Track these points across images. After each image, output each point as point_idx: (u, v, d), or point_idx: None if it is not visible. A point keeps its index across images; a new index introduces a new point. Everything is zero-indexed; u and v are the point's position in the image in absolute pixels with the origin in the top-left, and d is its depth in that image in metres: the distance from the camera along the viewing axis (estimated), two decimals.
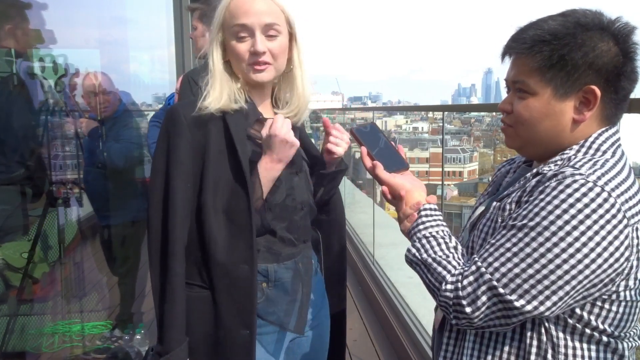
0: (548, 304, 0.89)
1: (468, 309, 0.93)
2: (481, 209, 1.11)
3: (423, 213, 1.08)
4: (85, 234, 3.23)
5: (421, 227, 1.06)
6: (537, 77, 0.97)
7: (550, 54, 0.95)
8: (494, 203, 1.04)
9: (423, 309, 3.31)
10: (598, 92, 0.94)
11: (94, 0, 3.39)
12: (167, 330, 1.25)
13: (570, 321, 0.94)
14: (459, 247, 1.04)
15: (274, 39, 1.29)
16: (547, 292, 0.88)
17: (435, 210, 1.09)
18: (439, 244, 1.02)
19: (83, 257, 3.19)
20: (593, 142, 0.98)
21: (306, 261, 1.43)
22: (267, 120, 1.33)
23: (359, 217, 5.83)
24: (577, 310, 0.93)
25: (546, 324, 0.95)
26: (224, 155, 1.28)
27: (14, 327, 2.57)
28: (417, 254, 1.03)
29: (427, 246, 1.03)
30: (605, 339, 0.95)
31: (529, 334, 0.96)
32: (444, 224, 1.08)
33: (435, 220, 1.07)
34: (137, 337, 2.97)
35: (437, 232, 1.05)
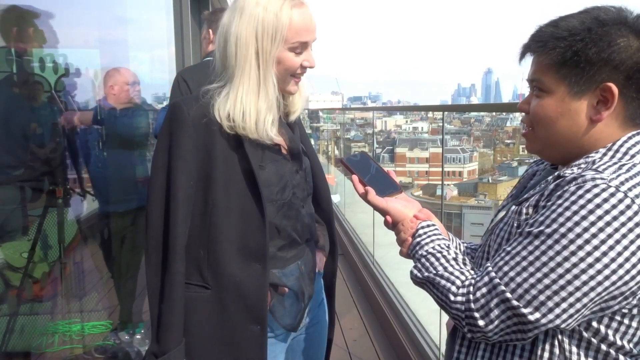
0: (564, 316, 0.84)
1: (481, 322, 0.89)
2: (503, 213, 1.06)
3: (417, 234, 1.07)
4: (86, 233, 3.23)
5: (417, 247, 1.05)
6: (552, 75, 0.93)
7: (564, 50, 0.91)
8: (513, 207, 0.99)
9: (423, 309, 3.31)
10: (615, 89, 0.89)
11: (94, 0, 3.39)
12: (164, 330, 1.24)
13: (585, 335, 0.89)
14: (460, 256, 1.02)
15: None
16: (564, 305, 0.84)
17: (428, 226, 1.08)
18: (437, 259, 1.00)
19: (83, 257, 3.19)
20: (621, 146, 0.92)
21: (308, 261, 1.43)
22: None
23: (359, 217, 5.82)
24: (594, 324, 0.88)
25: (559, 337, 0.91)
26: (233, 154, 1.27)
27: (14, 327, 2.56)
28: (419, 275, 1.02)
29: (427, 264, 1.01)
30: (621, 358, 0.90)
31: (540, 345, 0.92)
32: (440, 236, 1.06)
33: (429, 236, 1.06)
34: (137, 337, 2.97)
35: (433, 247, 1.03)
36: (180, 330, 1.25)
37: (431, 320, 3.07)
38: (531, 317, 0.85)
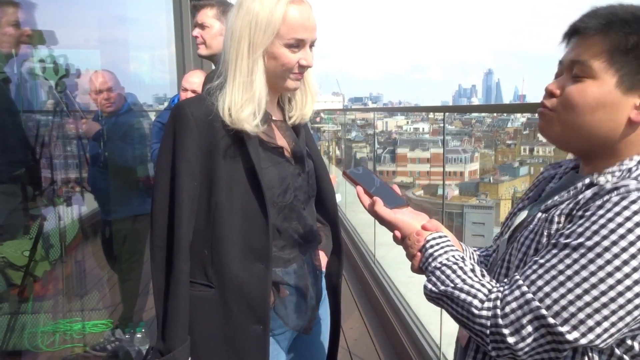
0: (605, 336, 0.78)
1: (511, 339, 0.82)
2: (522, 216, 1.00)
3: (428, 245, 0.98)
4: (87, 232, 3.24)
5: (430, 259, 0.96)
6: (604, 60, 0.84)
7: (626, 36, 0.82)
8: (539, 214, 0.92)
9: (424, 309, 3.31)
10: None
11: (94, 0, 3.40)
12: (169, 328, 1.25)
13: (617, 351, 0.84)
14: (477, 268, 0.94)
15: (312, 51, 1.32)
16: (605, 324, 0.77)
17: (440, 237, 1.00)
18: (454, 271, 0.92)
19: (84, 256, 3.20)
20: None
21: (311, 261, 1.43)
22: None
23: (359, 217, 5.82)
24: (628, 341, 0.83)
25: (590, 353, 0.84)
26: (236, 155, 1.27)
27: (15, 326, 2.57)
28: (434, 289, 0.93)
29: (443, 277, 0.93)
30: None
31: None
32: (453, 247, 0.98)
33: (442, 247, 0.97)
34: (138, 335, 2.97)
35: (447, 259, 0.95)
36: (186, 329, 1.26)
37: (432, 320, 3.07)
38: (569, 337, 0.79)
